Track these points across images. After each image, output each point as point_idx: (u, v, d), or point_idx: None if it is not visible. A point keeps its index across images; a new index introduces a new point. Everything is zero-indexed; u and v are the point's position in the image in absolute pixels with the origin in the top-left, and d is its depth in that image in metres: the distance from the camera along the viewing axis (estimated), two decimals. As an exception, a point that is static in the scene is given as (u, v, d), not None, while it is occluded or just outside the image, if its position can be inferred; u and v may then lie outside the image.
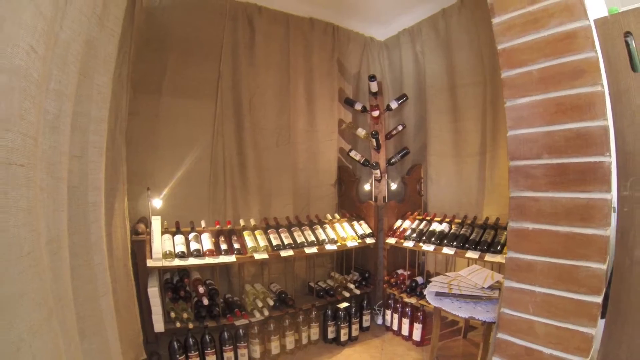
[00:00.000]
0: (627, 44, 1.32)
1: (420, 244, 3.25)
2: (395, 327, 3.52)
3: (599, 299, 1.15)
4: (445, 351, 2.34)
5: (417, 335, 3.24)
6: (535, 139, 1.24)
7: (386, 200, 3.80)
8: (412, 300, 3.27)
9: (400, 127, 3.88)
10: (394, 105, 3.83)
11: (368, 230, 3.71)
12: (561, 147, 1.19)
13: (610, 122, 1.27)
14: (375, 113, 3.80)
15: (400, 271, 3.63)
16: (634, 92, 1.26)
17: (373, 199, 3.86)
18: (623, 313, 1.26)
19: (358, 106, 3.99)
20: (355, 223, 3.74)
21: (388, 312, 3.61)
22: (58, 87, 1.03)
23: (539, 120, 1.24)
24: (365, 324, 3.61)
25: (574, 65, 1.18)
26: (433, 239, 3.18)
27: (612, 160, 1.24)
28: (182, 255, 2.70)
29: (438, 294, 2.11)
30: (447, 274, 2.48)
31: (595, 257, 1.15)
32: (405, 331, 3.40)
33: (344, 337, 3.38)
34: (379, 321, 3.73)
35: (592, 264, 1.15)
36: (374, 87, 3.77)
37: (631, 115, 1.26)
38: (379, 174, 3.76)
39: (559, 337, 1.23)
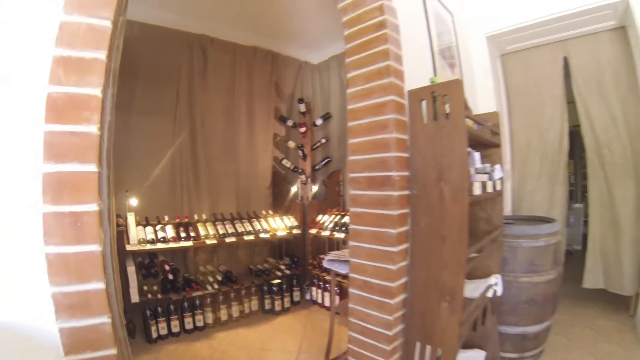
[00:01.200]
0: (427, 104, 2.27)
1: (334, 233, 4.13)
2: (319, 301, 4.36)
3: (395, 249, 2.11)
4: (344, 304, 3.22)
5: (335, 304, 4.13)
6: (361, 162, 2.19)
7: (309, 199, 4.68)
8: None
9: (323, 140, 4.78)
10: (319, 122, 4.71)
11: (295, 223, 4.57)
12: (373, 166, 2.14)
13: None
14: (302, 129, 4.70)
15: (322, 256, 4.40)
16: (420, 136, 2.23)
17: (299, 199, 4.72)
18: (414, 257, 2.23)
19: (290, 122, 4.84)
20: (285, 217, 4.58)
21: (314, 289, 4.43)
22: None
23: (363, 151, 2.18)
24: (296, 299, 4.43)
25: (381, 122, 2.13)
26: (344, 229, 4.06)
27: (405, 173, 2.22)
28: (152, 242, 3.44)
29: (330, 260, 3.03)
30: (343, 249, 3.41)
31: (390, 227, 2.10)
32: (327, 303, 4.24)
33: (278, 308, 4.17)
34: (308, 297, 4.55)
35: (387, 229, 2.10)
36: (302, 107, 4.68)
37: (418, 149, 2.21)
38: (304, 179, 4.64)
39: (378, 272, 2.16)
